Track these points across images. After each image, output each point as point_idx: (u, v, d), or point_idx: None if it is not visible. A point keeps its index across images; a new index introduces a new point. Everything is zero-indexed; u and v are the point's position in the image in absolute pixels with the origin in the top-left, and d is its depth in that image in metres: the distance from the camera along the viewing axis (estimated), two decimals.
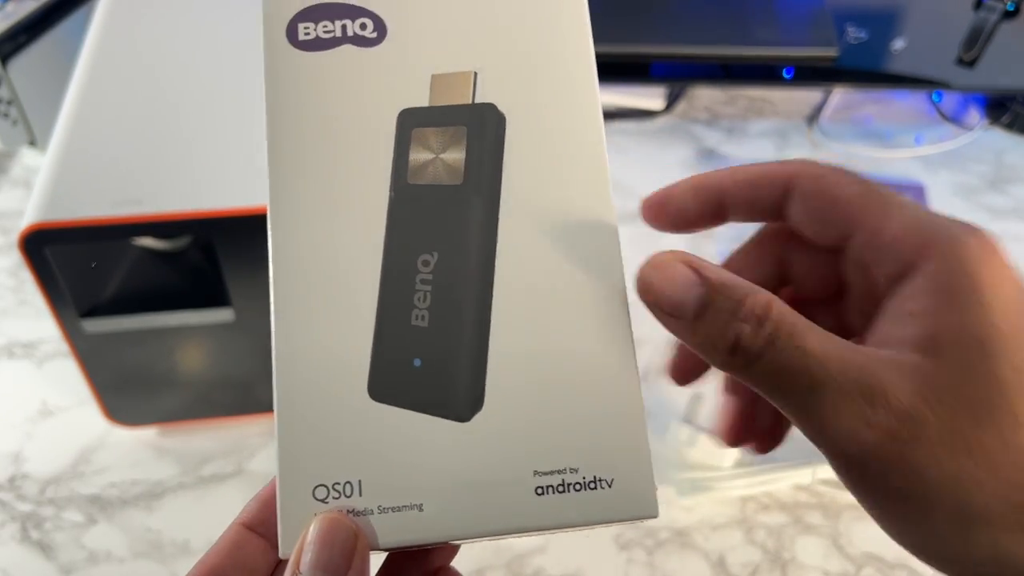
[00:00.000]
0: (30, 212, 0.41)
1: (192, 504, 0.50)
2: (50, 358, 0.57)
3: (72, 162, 0.44)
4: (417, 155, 0.24)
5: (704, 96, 0.78)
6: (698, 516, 0.49)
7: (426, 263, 0.23)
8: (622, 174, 0.70)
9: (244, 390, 0.51)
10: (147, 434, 0.53)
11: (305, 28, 0.24)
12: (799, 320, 0.20)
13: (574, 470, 0.22)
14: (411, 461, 0.22)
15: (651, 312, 0.22)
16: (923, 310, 0.20)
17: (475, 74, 0.24)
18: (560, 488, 0.22)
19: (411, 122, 0.24)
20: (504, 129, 0.24)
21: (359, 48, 0.24)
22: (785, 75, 0.70)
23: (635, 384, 0.22)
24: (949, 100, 0.77)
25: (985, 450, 0.19)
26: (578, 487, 0.22)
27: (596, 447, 0.22)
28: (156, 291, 0.49)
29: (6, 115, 0.65)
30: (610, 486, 0.22)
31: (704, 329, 0.21)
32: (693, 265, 0.22)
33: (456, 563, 0.26)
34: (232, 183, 0.43)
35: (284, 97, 0.24)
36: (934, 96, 0.76)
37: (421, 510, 0.21)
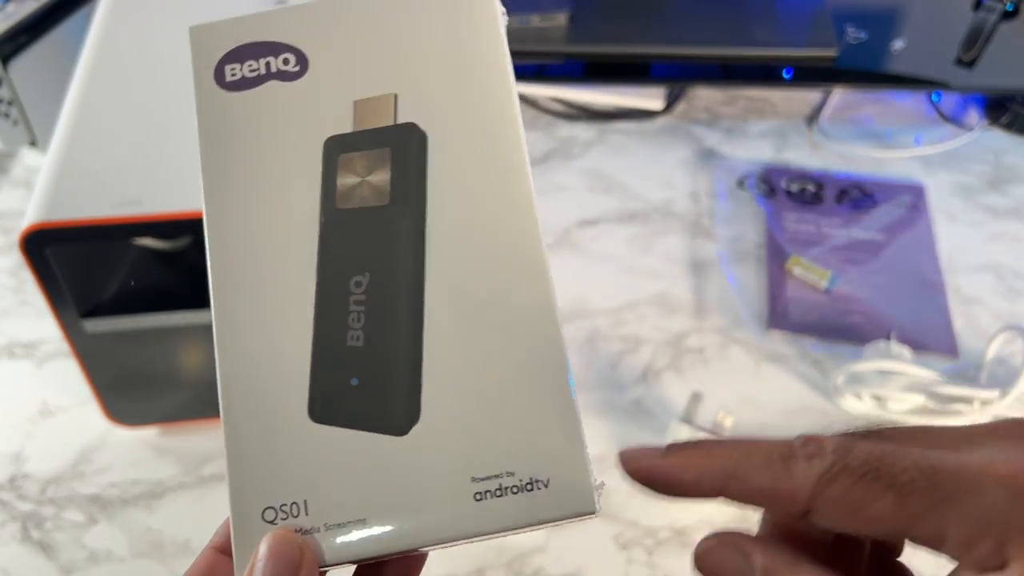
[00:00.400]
0: (31, 212, 0.41)
1: (192, 504, 0.50)
2: (51, 358, 0.57)
3: (73, 162, 0.44)
4: (344, 180, 0.24)
5: (704, 96, 0.78)
6: (698, 516, 0.49)
7: (358, 284, 0.24)
8: (622, 174, 0.70)
9: None
10: (147, 434, 0.53)
11: (231, 69, 0.25)
12: None
13: (510, 473, 0.22)
14: (353, 477, 0.23)
15: None
16: None
17: (395, 96, 0.25)
18: (498, 492, 0.22)
19: (337, 149, 0.24)
20: (426, 146, 0.24)
21: (283, 83, 0.25)
22: (785, 75, 0.70)
23: (565, 384, 0.23)
24: (948, 100, 0.77)
25: None
26: (515, 490, 0.22)
27: (530, 449, 0.22)
28: (156, 291, 0.49)
29: (7, 115, 0.65)
30: (547, 486, 0.22)
31: None
32: (742, 549, 0.21)
33: (455, 563, 0.26)
34: None
35: (215, 138, 0.25)
36: (933, 96, 0.76)
37: (365, 524, 0.22)
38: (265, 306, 0.24)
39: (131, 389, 0.50)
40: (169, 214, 0.41)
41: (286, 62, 0.25)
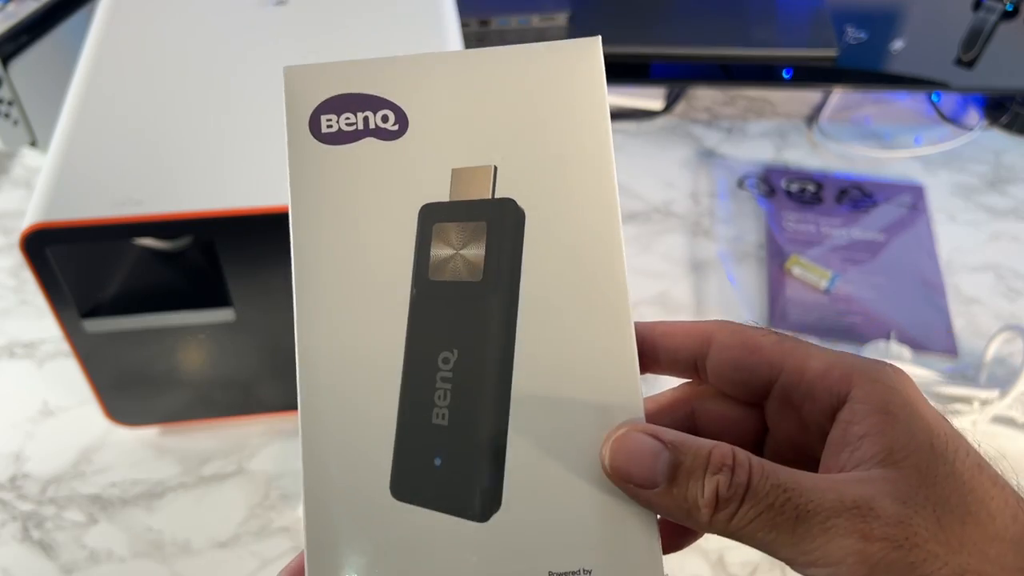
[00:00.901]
0: (31, 212, 0.41)
1: (193, 504, 0.50)
2: (51, 358, 0.57)
3: (73, 162, 0.44)
4: (438, 251, 0.24)
5: (704, 96, 0.78)
6: None
7: (446, 360, 0.23)
8: (622, 174, 0.70)
9: (244, 390, 0.51)
10: (148, 434, 0.53)
11: (328, 120, 0.24)
12: (764, 461, 0.21)
13: (588, 571, 0.22)
14: (430, 559, 0.22)
15: (626, 492, 0.22)
16: (868, 430, 0.22)
17: (495, 168, 0.24)
18: None
19: (432, 217, 0.24)
20: (523, 225, 0.24)
21: (382, 141, 0.24)
22: (785, 75, 0.70)
23: None
24: (948, 100, 0.77)
25: (975, 543, 0.20)
26: None
27: (610, 550, 0.22)
28: (157, 291, 0.49)
29: (7, 115, 0.65)
30: None
31: (681, 492, 0.21)
32: (649, 431, 0.22)
33: None
34: (233, 183, 0.43)
35: (306, 190, 0.24)
36: (933, 96, 0.76)
37: None
38: (353, 369, 0.23)
39: (131, 389, 0.50)
40: (169, 214, 0.41)
41: (385, 119, 0.24)
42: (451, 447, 0.23)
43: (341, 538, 0.23)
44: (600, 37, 0.25)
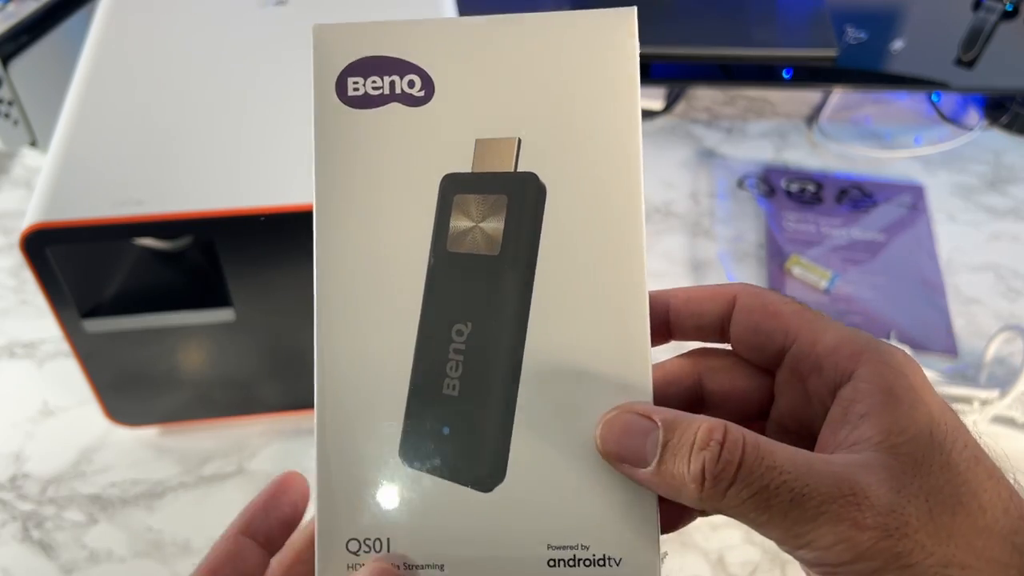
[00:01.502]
0: (31, 212, 0.41)
1: (193, 504, 0.50)
2: (51, 358, 0.57)
3: (73, 162, 0.44)
4: (457, 222, 0.24)
5: (704, 96, 0.78)
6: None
7: (460, 332, 0.23)
8: None
9: (244, 390, 0.51)
10: (148, 434, 0.53)
11: (354, 83, 0.24)
12: (759, 438, 0.21)
13: (585, 547, 0.23)
14: (435, 525, 0.23)
15: (621, 472, 0.23)
16: (869, 410, 0.22)
17: (519, 141, 0.23)
18: (571, 563, 0.23)
19: (453, 188, 0.24)
20: (544, 201, 0.23)
21: (407, 107, 0.24)
22: (785, 75, 0.70)
23: None
24: (948, 100, 0.77)
25: (963, 535, 0.20)
26: (588, 563, 0.23)
27: (608, 527, 0.23)
28: (157, 291, 0.49)
29: (7, 115, 0.65)
30: (618, 564, 0.23)
31: (670, 469, 0.21)
32: (640, 411, 0.22)
33: None
34: (233, 183, 0.43)
35: (331, 151, 0.24)
36: (933, 96, 0.76)
37: (442, 571, 0.23)
38: (368, 335, 0.24)
39: (131, 389, 0.50)
40: (169, 214, 0.41)
41: (411, 84, 0.24)
42: (460, 418, 0.23)
43: (352, 500, 0.23)
44: (635, 8, 0.24)
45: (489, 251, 0.23)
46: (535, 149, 0.24)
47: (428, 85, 0.24)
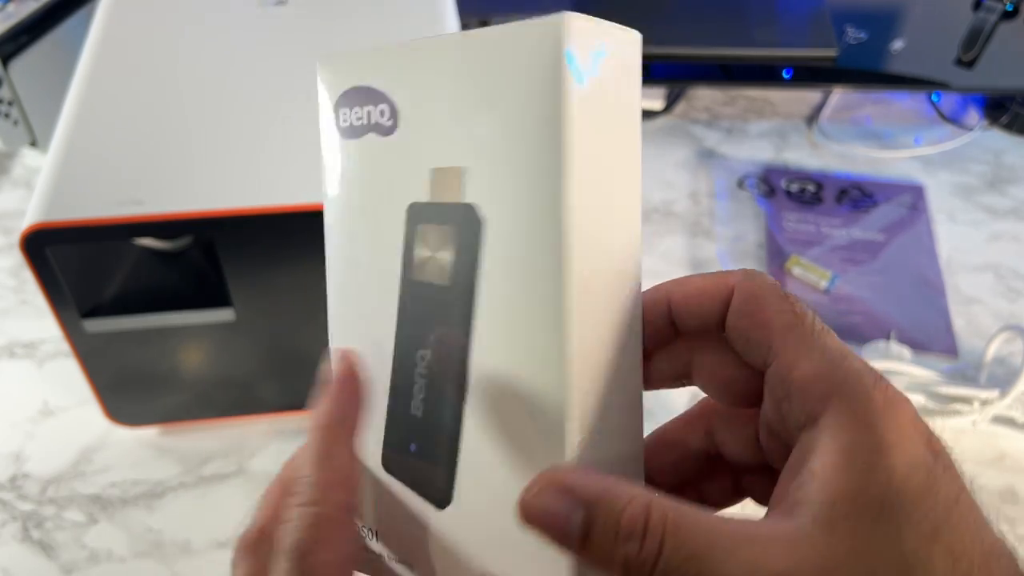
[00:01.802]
0: (31, 212, 0.41)
1: (193, 504, 0.50)
2: (51, 358, 0.57)
3: (73, 162, 0.44)
4: (419, 251, 0.24)
5: (704, 96, 0.78)
6: None
7: (423, 358, 0.24)
8: None
9: (244, 390, 0.51)
10: (148, 434, 0.53)
11: (343, 115, 0.25)
12: (682, 517, 0.19)
13: None
14: (406, 529, 0.25)
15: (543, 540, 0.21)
16: (820, 471, 0.20)
17: (461, 170, 0.23)
18: None
19: (416, 218, 0.24)
20: (479, 233, 0.22)
21: (380, 137, 0.24)
22: (785, 75, 0.70)
23: None
24: (948, 100, 0.77)
25: None
26: None
27: (530, 567, 0.22)
28: (157, 291, 0.49)
29: (7, 115, 0.65)
30: None
31: (593, 553, 0.20)
32: (568, 485, 0.20)
33: None
34: (233, 183, 0.43)
35: (332, 183, 0.26)
36: (933, 96, 0.76)
37: (409, 570, 0.25)
38: (366, 346, 0.26)
39: (131, 389, 0.50)
40: (169, 214, 0.41)
41: (382, 114, 0.24)
42: (423, 437, 0.25)
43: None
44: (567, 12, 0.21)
45: (441, 281, 0.24)
46: (480, 179, 0.22)
47: (394, 114, 0.24)
